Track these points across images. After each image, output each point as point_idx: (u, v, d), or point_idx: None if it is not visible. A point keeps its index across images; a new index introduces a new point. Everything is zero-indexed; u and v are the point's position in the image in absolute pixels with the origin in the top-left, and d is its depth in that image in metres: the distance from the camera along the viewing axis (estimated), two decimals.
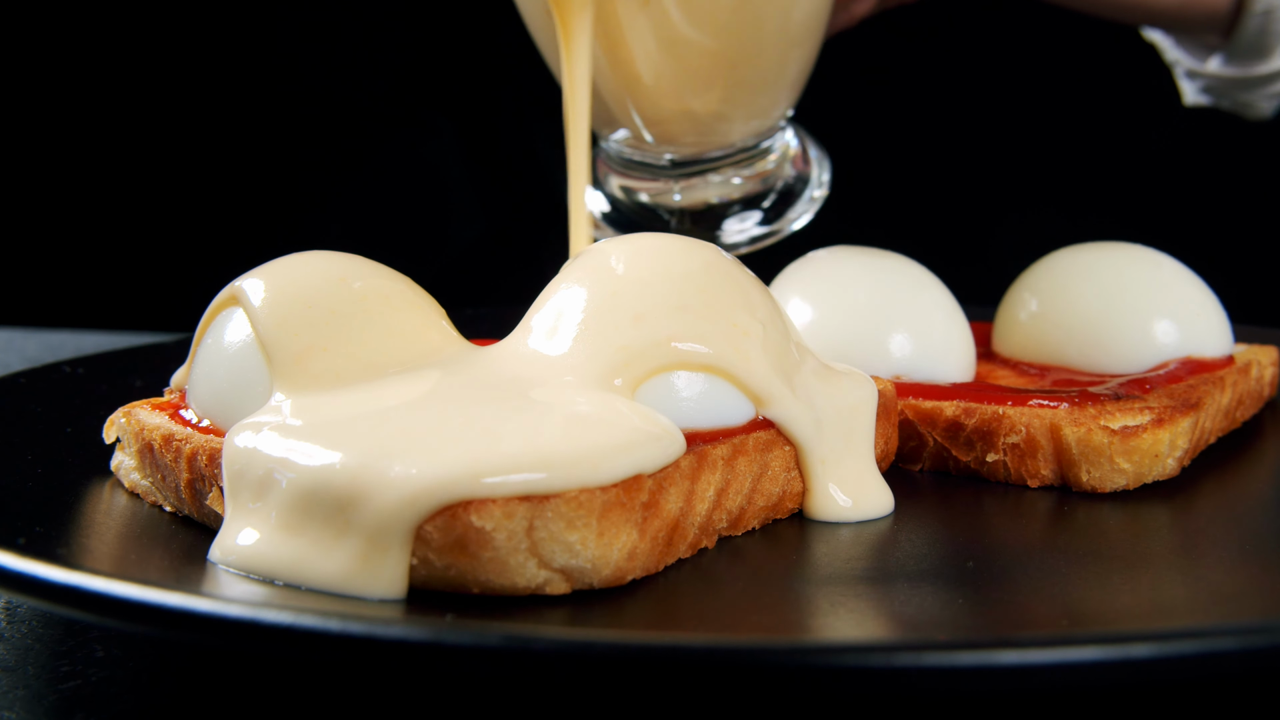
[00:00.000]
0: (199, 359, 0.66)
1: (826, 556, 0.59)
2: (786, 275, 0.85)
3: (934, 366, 0.79)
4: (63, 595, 0.48)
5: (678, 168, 0.93)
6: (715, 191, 0.94)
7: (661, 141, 0.91)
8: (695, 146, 0.92)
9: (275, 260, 0.67)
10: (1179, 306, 0.82)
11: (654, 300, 0.62)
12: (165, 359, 0.89)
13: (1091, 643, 0.43)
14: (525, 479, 0.51)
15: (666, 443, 0.56)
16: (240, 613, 0.45)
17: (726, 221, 0.94)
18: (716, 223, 0.94)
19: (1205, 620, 0.51)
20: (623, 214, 0.96)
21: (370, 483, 0.51)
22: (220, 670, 0.55)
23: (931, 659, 0.42)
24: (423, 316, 0.66)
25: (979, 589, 0.54)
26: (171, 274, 1.64)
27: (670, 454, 0.56)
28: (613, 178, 0.96)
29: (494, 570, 0.51)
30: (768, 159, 0.95)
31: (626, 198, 0.96)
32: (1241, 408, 0.83)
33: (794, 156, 0.96)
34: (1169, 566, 0.58)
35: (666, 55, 0.85)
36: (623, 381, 0.59)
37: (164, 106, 1.62)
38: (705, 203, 0.94)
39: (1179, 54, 1.35)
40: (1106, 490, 0.69)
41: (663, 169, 0.94)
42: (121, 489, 0.67)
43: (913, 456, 0.75)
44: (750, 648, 0.43)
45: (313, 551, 0.52)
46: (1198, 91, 1.35)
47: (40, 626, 0.58)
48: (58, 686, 0.52)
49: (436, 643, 0.43)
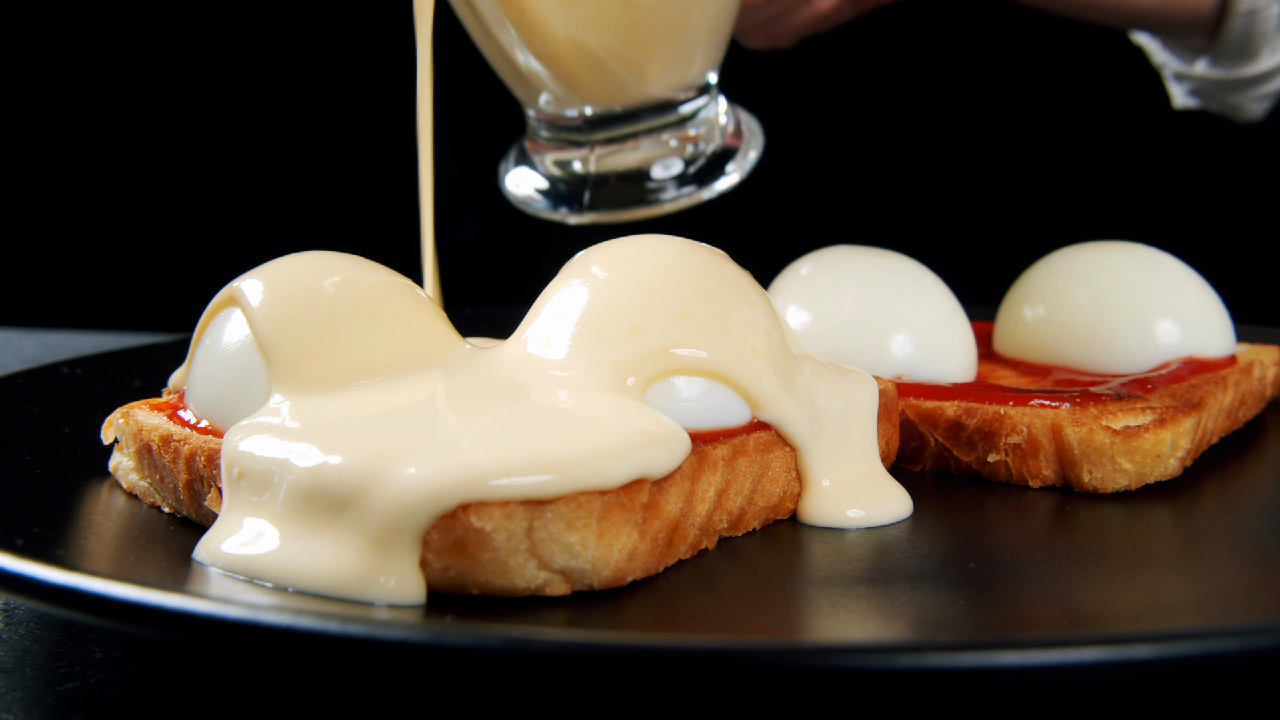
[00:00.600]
0: (197, 359, 0.66)
1: (827, 557, 0.59)
2: (788, 275, 0.84)
3: (935, 366, 0.79)
4: (61, 597, 0.48)
5: (596, 127, 0.93)
6: (640, 155, 0.94)
7: (566, 86, 0.90)
8: (605, 99, 0.92)
9: (274, 261, 0.66)
10: (1181, 306, 0.82)
11: (652, 305, 0.62)
12: (164, 359, 0.89)
13: (1093, 644, 0.43)
14: (533, 482, 0.51)
15: (673, 445, 0.56)
16: (239, 614, 0.45)
17: (649, 183, 0.94)
18: (640, 182, 0.94)
19: (1208, 621, 0.51)
20: (556, 186, 0.96)
21: (377, 485, 0.51)
22: (219, 672, 0.55)
23: (933, 660, 0.42)
24: (422, 318, 0.66)
25: (980, 590, 0.54)
26: (170, 274, 1.64)
27: (675, 458, 0.56)
28: (546, 155, 0.97)
29: (493, 571, 0.51)
30: (692, 123, 0.94)
31: (561, 171, 0.96)
32: (1244, 408, 0.82)
33: (722, 126, 0.96)
34: (1171, 567, 0.57)
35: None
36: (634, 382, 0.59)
37: (163, 106, 1.62)
38: (631, 166, 0.94)
39: (1166, 56, 1.35)
40: (1108, 491, 0.69)
41: (582, 130, 0.94)
42: (120, 490, 0.67)
43: (914, 457, 0.75)
44: (751, 649, 0.43)
45: (317, 555, 0.52)
46: (1186, 94, 1.35)
47: (38, 628, 0.58)
48: (55, 688, 0.52)
49: (436, 644, 0.43)
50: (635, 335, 0.61)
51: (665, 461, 0.55)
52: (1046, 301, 0.84)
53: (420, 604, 0.51)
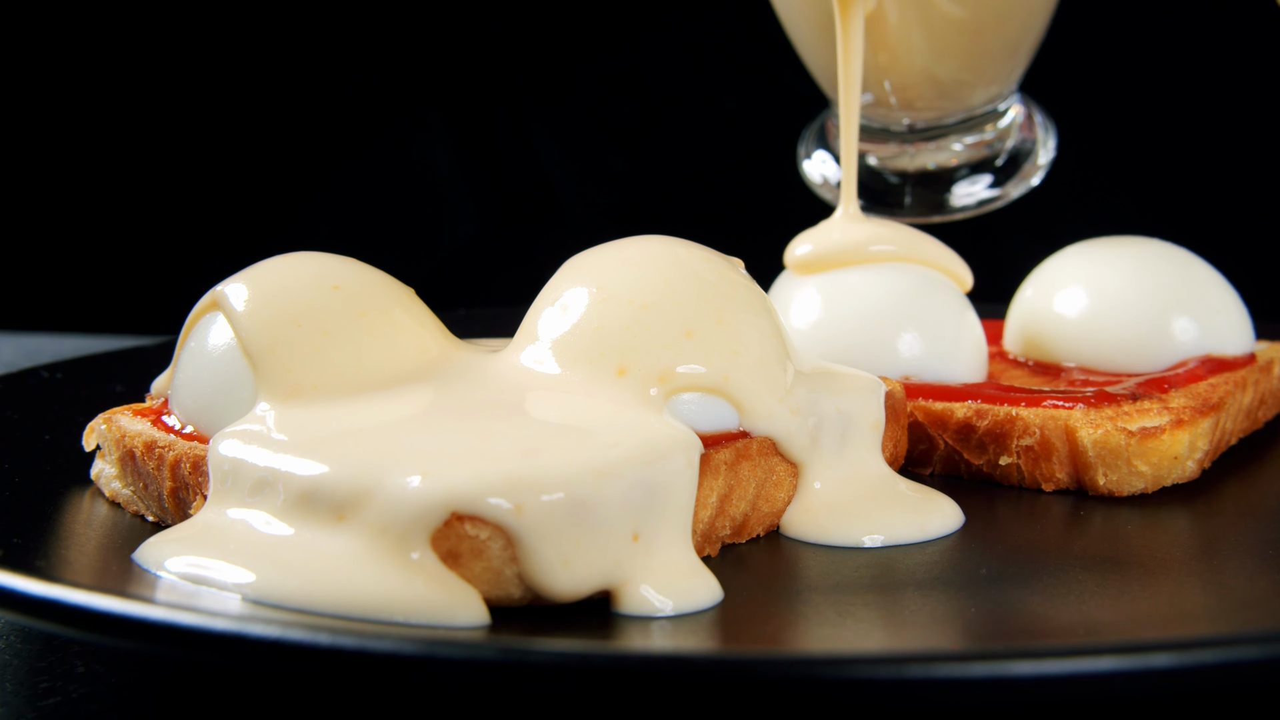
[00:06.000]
0: (182, 363, 0.66)
1: (833, 564, 0.59)
2: (791, 273, 0.83)
3: (944, 366, 0.78)
4: (41, 609, 0.48)
5: (913, 133, 0.96)
6: (945, 156, 0.96)
7: (903, 107, 0.94)
8: (935, 111, 0.95)
9: (260, 264, 0.66)
10: (1198, 302, 0.81)
11: (649, 316, 0.61)
12: (147, 363, 0.88)
13: (1110, 653, 0.42)
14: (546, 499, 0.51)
15: (683, 447, 0.56)
16: (225, 627, 0.45)
17: (955, 185, 0.96)
18: (945, 186, 0.97)
19: (1227, 628, 0.50)
20: None
21: (373, 493, 0.51)
22: (204, 686, 0.55)
23: (943, 670, 0.42)
24: (414, 323, 0.65)
25: (992, 597, 0.54)
26: (152, 274, 1.63)
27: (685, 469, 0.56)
28: None
29: (488, 580, 0.51)
30: (999, 124, 0.97)
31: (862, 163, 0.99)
32: (1264, 407, 0.82)
33: (1022, 123, 0.98)
34: (1189, 573, 0.57)
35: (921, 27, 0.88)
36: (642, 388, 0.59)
37: (144, 102, 1.61)
38: (934, 167, 0.97)
39: None
40: (1124, 494, 0.69)
41: (895, 134, 0.97)
42: (102, 498, 0.67)
43: (923, 460, 0.74)
44: (755, 659, 0.43)
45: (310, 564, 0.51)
46: None
47: (18, 641, 0.58)
48: (37, 704, 0.51)
49: (430, 656, 0.43)
50: (637, 335, 0.60)
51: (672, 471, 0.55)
52: (1059, 298, 0.83)
53: None
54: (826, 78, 0.95)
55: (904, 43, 0.89)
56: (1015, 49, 0.92)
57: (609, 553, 0.52)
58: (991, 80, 0.94)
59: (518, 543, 0.50)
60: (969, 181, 0.96)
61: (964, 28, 0.88)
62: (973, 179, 0.96)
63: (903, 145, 0.96)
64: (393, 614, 0.48)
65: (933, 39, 0.89)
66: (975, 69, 0.92)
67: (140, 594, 0.49)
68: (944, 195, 0.96)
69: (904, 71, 0.91)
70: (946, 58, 0.91)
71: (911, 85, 0.92)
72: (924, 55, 0.90)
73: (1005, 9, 0.89)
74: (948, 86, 0.93)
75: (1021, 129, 0.97)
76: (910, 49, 0.89)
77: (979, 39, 0.90)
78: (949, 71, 0.91)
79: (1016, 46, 0.92)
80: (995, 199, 0.96)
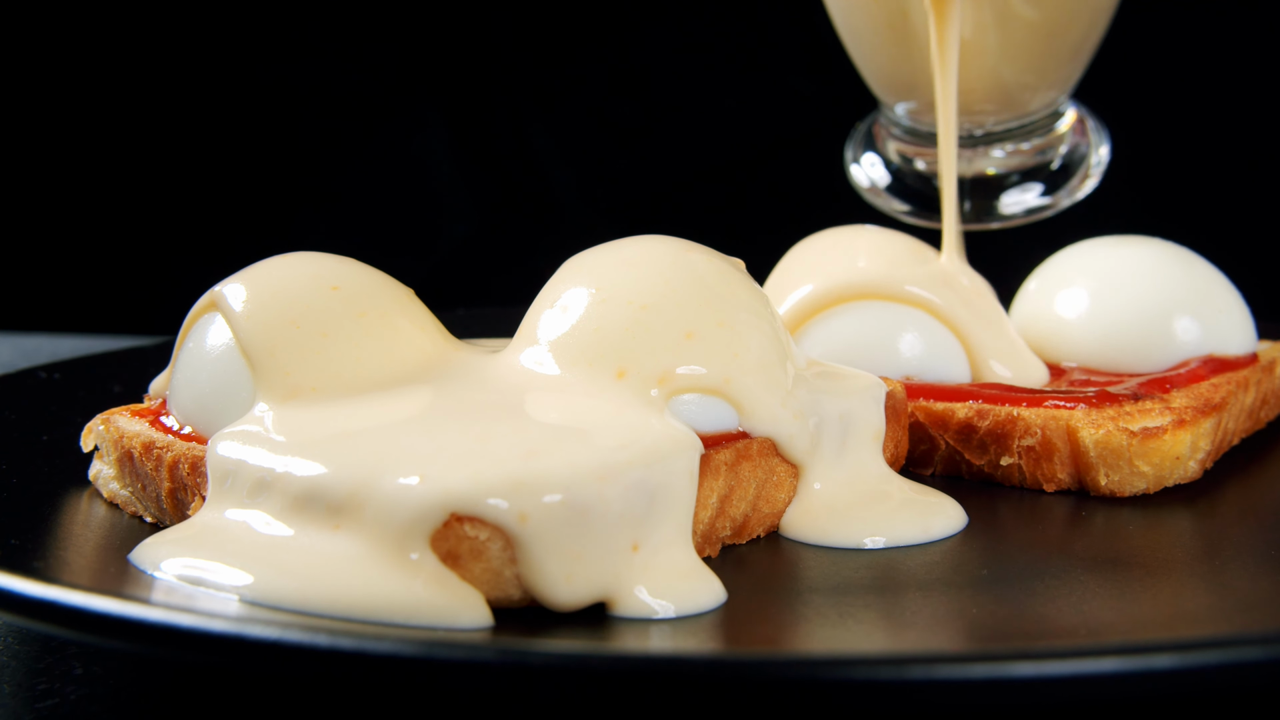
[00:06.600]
0: (180, 363, 0.65)
1: (834, 565, 0.59)
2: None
3: (946, 366, 0.78)
4: (39, 610, 0.48)
5: (969, 139, 0.96)
6: (995, 162, 0.96)
7: (962, 112, 0.93)
8: (993, 116, 0.94)
9: (258, 264, 0.65)
10: (1200, 302, 0.81)
11: (649, 317, 0.61)
12: (145, 363, 0.88)
13: (1112, 654, 0.42)
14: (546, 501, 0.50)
15: (684, 447, 0.56)
16: (224, 628, 0.45)
17: (1005, 193, 0.96)
18: (995, 193, 0.96)
19: (1229, 629, 0.50)
20: (898, 181, 0.98)
21: (372, 493, 0.51)
22: (203, 687, 0.54)
23: (945, 672, 0.42)
24: (413, 324, 0.65)
25: (994, 598, 0.53)
26: (151, 275, 1.63)
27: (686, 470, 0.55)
28: (891, 143, 0.98)
29: (488, 581, 0.51)
30: (1054, 130, 0.97)
31: (904, 164, 0.98)
32: (1266, 408, 0.82)
33: (1075, 128, 0.98)
34: (1191, 574, 0.57)
35: (995, 28, 0.88)
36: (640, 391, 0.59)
37: (142, 100, 1.61)
38: (985, 172, 0.96)
39: None
40: (1126, 494, 0.68)
41: None
42: (100, 499, 0.66)
43: (924, 461, 0.74)
44: (755, 660, 0.43)
45: (309, 565, 0.51)
46: None
47: (16, 643, 0.58)
48: (35, 705, 0.51)
49: (429, 658, 0.43)
50: (635, 339, 0.60)
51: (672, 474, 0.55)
52: (1060, 298, 0.83)
53: None
54: (883, 81, 0.94)
55: (976, 44, 0.88)
56: (1078, 51, 0.92)
57: (610, 565, 0.52)
58: (1052, 84, 0.93)
59: (518, 547, 0.50)
60: (1020, 190, 0.95)
61: (1036, 29, 0.88)
62: (1024, 187, 0.95)
63: None
64: (393, 615, 0.48)
65: (1006, 41, 0.89)
66: (1040, 71, 0.92)
67: (138, 595, 0.49)
68: (993, 202, 0.95)
69: (971, 74, 0.90)
70: (1015, 60, 0.90)
71: (976, 88, 0.91)
72: (994, 57, 0.89)
73: (1074, 11, 0.89)
74: (1011, 90, 0.92)
75: (1075, 133, 0.97)
76: (982, 50, 0.89)
77: (1050, 41, 0.90)
78: (1015, 74, 0.91)
79: (1079, 49, 0.92)
80: (1044, 208, 0.95)
